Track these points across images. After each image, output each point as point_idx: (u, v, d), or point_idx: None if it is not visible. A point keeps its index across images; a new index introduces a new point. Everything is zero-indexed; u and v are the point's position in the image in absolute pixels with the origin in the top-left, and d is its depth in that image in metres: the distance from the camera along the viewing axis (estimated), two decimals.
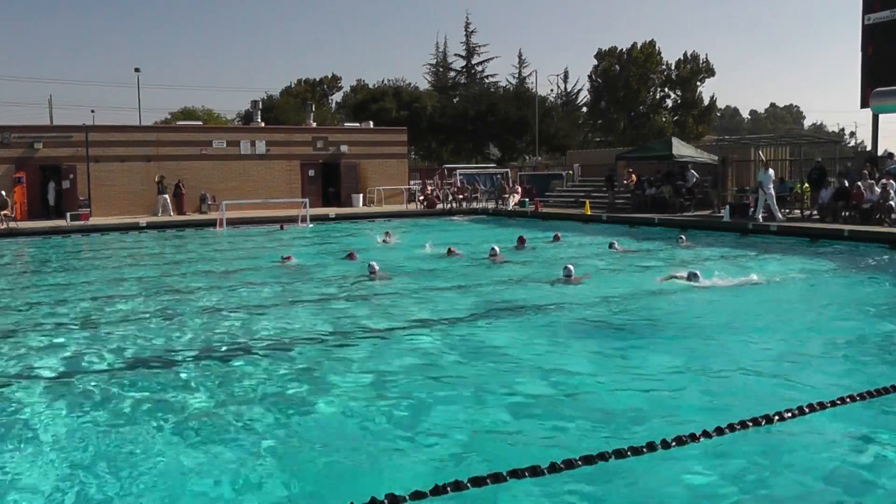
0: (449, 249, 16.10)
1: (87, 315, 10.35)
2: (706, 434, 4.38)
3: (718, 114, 78.50)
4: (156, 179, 29.19)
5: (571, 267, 12.30)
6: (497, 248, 15.44)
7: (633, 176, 29.35)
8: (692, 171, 25.98)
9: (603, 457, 3.69)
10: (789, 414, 5.03)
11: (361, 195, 33.60)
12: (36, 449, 5.32)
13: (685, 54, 61.77)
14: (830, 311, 10.22)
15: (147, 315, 10.18)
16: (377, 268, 12.90)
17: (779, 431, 5.13)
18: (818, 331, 8.92)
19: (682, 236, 18.19)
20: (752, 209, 22.92)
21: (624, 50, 61.47)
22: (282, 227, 24.77)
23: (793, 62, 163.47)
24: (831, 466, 4.93)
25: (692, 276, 11.67)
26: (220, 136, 32.78)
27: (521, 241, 17.74)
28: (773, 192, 20.88)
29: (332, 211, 29.92)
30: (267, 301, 11.19)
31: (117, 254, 18.78)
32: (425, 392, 6.50)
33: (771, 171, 21.37)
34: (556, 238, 19.15)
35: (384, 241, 19.37)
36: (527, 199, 30.75)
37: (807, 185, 22.21)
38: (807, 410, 4.62)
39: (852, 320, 9.60)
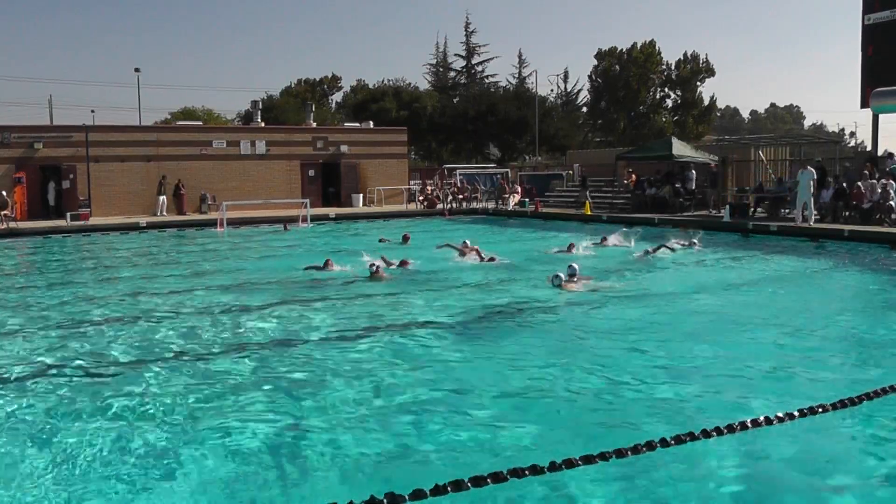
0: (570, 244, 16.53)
1: (129, 320, 10.36)
2: (705, 433, 4.39)
3: (718, 114, 78.44)
4: (160, 180, 29.21)
5: (576, 266, 12.26)
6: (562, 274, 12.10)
7: (633, 176, 29.38)
8: (693, 171, 25.98)
9: (603, 456, 3.70)
10: (788, 415, 5.04)
11: (361, 195, 33.61)
12: (23, 449, 5.33)
13: (685, 54, 61.80)
14: (832, 312, 10.22)
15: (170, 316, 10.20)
16: (380, 267, 12.92)
17: (778, 433, 5.14)
18: (818, 330, 8.92)
19: (696, 240, 17.01)
20: (752, 209, 22.94)
21: (624, 50, 61.46)
22: (285, 228, 24.58)
23: (793, 62, 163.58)
24: (829, 467, 4.94)
25: (554, 278, 11.57)
26: (220, 136, 32.77)
27: (604, 238, 17.63)
28: (812, 191, 19.83)
29: (332, 211, 29.93)
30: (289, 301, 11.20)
31: (143, 257, 18.77)
32: (424, 392, 6.51)
33: (811, 169, 20.01)
34: (604, 240, 17.42)
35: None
36: (527, 200, 30.76)
37: None
38: (807, 412, 4.63)
39: (854, 320, 9.61)
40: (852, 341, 8.49)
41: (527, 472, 3.34)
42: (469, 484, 3.19)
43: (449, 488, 3.13)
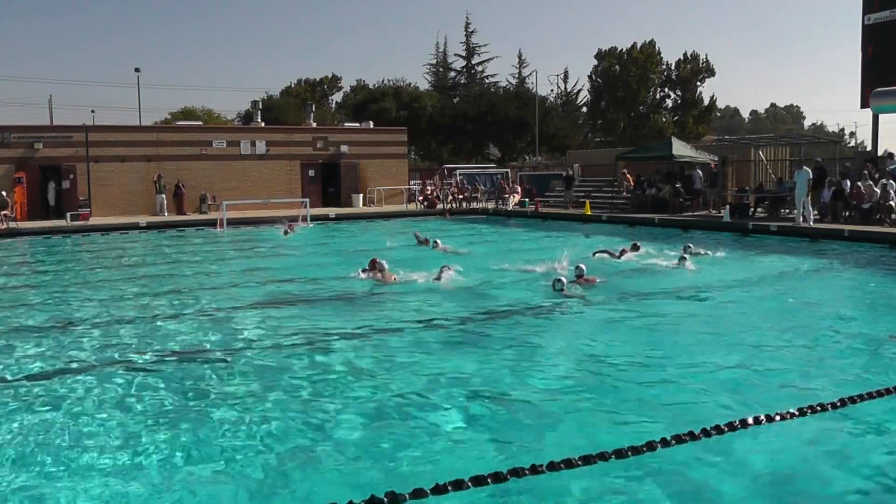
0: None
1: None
2: (705, 433, 4.38)
3: (718, 114, 78.35)
4: (153, 178, 29.19)
5: (584, 267, 12.22)
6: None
7: (630, 176, 29.40)
8: (698, 170, 25.95)
9: (603, 456, 3.69)
10: (788, 415, 5.04)
11: (361, 195, 33.61)
12: (19, 449, 5.33)
13: (685, 54, 61.69)
14: (831, 311, 10.21)
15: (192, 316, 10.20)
16: (386, 266, 12.77)
17: (777, 433, 5.14)
18: (817, 330, 8.92)
19: (690, 245, 15.40)
20: (752, 209, 22.94)
21: (624, 50, 61.39)
22: (288, 230, 22.77)
23: (793, 62, 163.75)
24: (829, 469, 4.94)
25: (557, 283, 11.21)
26: (220, 136, 32.78)
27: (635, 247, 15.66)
28: (808, 191, 19.49)
29: (332, 211, 29.92)
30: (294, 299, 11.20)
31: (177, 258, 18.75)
32: (426, 393, 6.51)
33: (806, 169, 19.81)
34: (636, 247, 15.63)
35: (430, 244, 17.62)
36: (527, 199, 30.76)
37: None
38: (807, 412, 4.62)
39: (853, 320, 9.61)
40: (852, 341, 8.47)
41: (527, 472, 3.33)
42: (469, 483, 3.19)
43: (449, 487, 3.13)
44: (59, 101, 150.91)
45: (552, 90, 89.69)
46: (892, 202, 19.01)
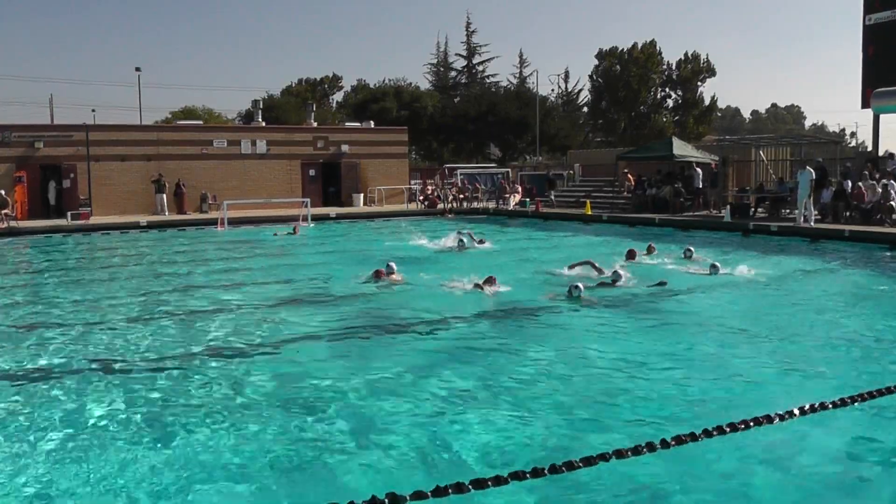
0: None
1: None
2: (706, 433, 4.37)
3: (719, 114, 78.33)
4: (156, 178, 29.13)
5: (611, 271, 12.19)
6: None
7: (630, 177, 29.40)
8: (698, 169, 25.96)
9: (604, 457, 3.68)
10: (789, 415, 5.03)
11: (362, 195, 33.61)
12: (25, 448, 5.33)
13: (686, 54, 61.70)
14: (832, 311, 10.21)
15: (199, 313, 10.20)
16: (395, 267, 12.59)
17: (778, 433, 5.13)
18: (818, 331, 8.92)
19: (691, 248, 15.04)
20: (752, 209, 22.94)
21: (625, 50, 61.40)
22: (277, 232, 22.47)
23: (794, 62, 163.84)
24: (829, 468, 4.94)
25: (574, 289, 10.72)
26: (220, 135, 32.78)
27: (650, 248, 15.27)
28: (810, 191, 19.46)
29: (332, 210, 29.92)
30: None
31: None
32: (427, 394, 6.51)
33: (809, 169, 19.74)
34: (651, 249, 15.24)
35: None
36: (527, 199, 30.77)
37: None
38: (808, 411, 4.61)
39: (854, 320, 9.60)
40: (853, 341, 8.47)
41: (528, 475, 3.32)
42: (470, 486, 3.18)
43: (450, 490, 3.12)
44: (60, 100, 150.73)
45: (553, 90, 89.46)
46: (892, 202, 19.01)
